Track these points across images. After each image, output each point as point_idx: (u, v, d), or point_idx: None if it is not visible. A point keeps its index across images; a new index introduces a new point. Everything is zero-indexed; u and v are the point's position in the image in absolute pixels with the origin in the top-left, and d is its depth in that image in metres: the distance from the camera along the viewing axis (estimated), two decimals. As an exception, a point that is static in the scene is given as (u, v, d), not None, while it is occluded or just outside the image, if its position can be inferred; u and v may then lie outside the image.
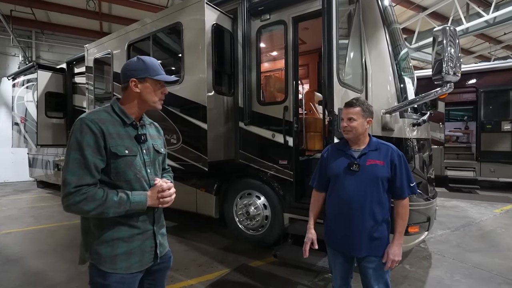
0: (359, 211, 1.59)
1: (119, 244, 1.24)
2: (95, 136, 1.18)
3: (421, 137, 3.12)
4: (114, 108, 1.31)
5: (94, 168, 1.17)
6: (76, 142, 1.16)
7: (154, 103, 1.35)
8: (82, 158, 1.15)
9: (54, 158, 7.39)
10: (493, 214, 5.24)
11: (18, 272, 3.12)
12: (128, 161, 1.25)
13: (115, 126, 1.26)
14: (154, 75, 1.32)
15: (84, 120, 1.19)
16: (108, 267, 1.22)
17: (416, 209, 2.85)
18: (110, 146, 1.21)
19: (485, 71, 7.34)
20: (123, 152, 1.24)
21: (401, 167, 1.62)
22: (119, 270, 1.23)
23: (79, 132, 1.17)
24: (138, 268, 1.29)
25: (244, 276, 2.96)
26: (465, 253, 3.49)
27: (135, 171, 1.27)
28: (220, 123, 3.59)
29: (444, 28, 2.20)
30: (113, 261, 1.23)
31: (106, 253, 1.22)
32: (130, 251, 1.26)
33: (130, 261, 1.26)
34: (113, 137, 1.23)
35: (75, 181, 1.13)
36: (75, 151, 1.16)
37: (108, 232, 1.23)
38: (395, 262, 1.57)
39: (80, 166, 1.15)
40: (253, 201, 3.65)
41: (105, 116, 1.26)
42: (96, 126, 1.19)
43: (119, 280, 1.24)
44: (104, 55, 4.92)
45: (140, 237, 1.29)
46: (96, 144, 1.18)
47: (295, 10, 3.32)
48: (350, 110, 1.67)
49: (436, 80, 2.26)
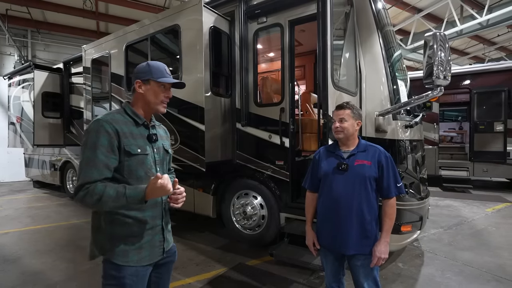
0: (347, 210, 1.66)
1: (131, 239, 1.30)
2: (109, 136, 1.26)
3: (413, 138, 3.20)
4: (126, 110, 1.39)
5: (104, 166, 1.24)
6: (91, 142, 1.24)
7: (156, 105, 1.41)
8: (93, 157, 1.23)
9: (51, 158, 7.38)
10: (485, 213, 5.36)
11: (16, 272, 3.14)
12: (140, 159, 1.33)
13: (128, 126, 1.34)
14: (157, 77, 1.38)
15: (99, 121, 1.27)
16: (121, 260, 1.28)
17: (408, 209, 2.93)
18: (124, 145, 1.29)
19: (478, 73, 7.46)
20: (136, 151, 1.31)
21: (388, 168, 1.69)
22: (131, 263, 1.29)
23: (94, 132, 1.25)
24: (148, 261, 1.35)
25: (241, 274, 3.01)
26: (457, 251, 3.58)
27: (145, 169, 1.35)
28: (217, 124, 3.64)
29: (435, 34, 2.27)
30: (125, 254, 1.29)
31: (119, 248, 1.28)
32: (141, 245, 1.32)
33: (141, 254, 1.32)
34: (126, 137, 1.30)
35: (83, 178, 1.22)
36: (89, 150, 1.24)
37: (120, 228, 1.30)
38: (382, 260, 1.63)
39: (90, 165, 1.22)
40: (250, 201, 3.71)
41: (119, 117, 1.34)
42: (111, 127, 1.27)
43: (133, 272, 1.30)
44: (102, 56, 4.94)
45: (150, 232, 1.36)
46: (109, 144, 1.25)
47: (292, 14, 3.38)
48: (341, 112, 1.76)
49: (427, 84, 2.33)
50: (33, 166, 8.20)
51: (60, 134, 6.96)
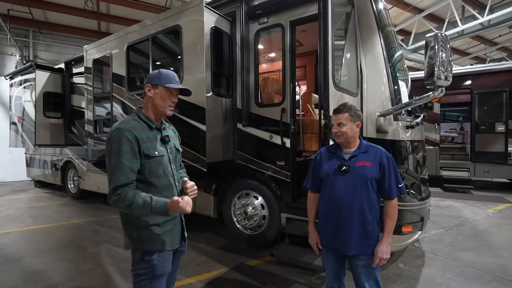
0: (348, 210, 1.66)
1: (155, 228, 1.49)
2: (130, 143, 1.42)
3: (414, 138, 3.20)
4: (140, 115, 1.55)
5: (129, 170, 1.42)
6: (115, 150, 1.41)
7: (163, 108, 1.57)
8: (119, 163, 1.40)
9: (52, 158, 7.40)
10: (486, 214, 5.35)
11: (18, 271, 3.15)
12: (158, 160, 1.51)
13: (144, 131, 1.50)
14: (164, 83, 1.54)
15: (120, 130, 1.43)
16: (148, 246, 1.48)
17: (409, 209, 2.93)
18: (144, 149, 1.46)
19: (480, 73, 7.45)
20: (154, 154, 1.49)
21: (390, 169, 1.69)
22: (157, 248, 1.49)
23: (117, 140, 1.41)
24: (170, 247, 1.55)
25: (242, 275, 3.02)
26: (458, 252, 3.58)
27: (163, 168, 1.53)
28: (218, 125, 3.65)
29: (436, 34, 2.27)
30: (151, 241, 1.48)
31: (146, 236, 1.48)
32: (164, 233, 1.52)
33: (164, 241, 1.52)
34: (145, 141, 1.48)
35: (114, 182, 1.39)
36: (114, 157, 1.41)
37: (146, 219, 1.48)
38: (383, 260, 1.64)
39: (117, 170, 1.40)
40: (251, 201, 3.71)
41: (135, 124, 1.50)
42: (131, 134, 1.43)
43: (160, 256, 1.50)
44: (104, 56, 4.95)
45: (171, 222, 1.55)
46: (131, 150, 1.42)
47: (293, 14, 3.38)
48: (339, 116, 1.75)
49: (428, 85, 2.34)
50: (34, 166, 8.22)
51: (61, 134, 6.98)
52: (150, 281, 1.48)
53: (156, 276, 1.49)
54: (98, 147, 5.21)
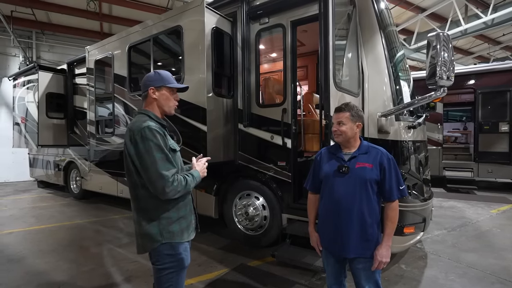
0: (347, 212, 1.64)
1: (182, 220, 1.59)
2: (162, 138, 1.50)
3: (417, 139, 3.17)
4: (151, 116, 1.60)
5: (172, 160, 1.51)
6: (155, 145, 1.46)
7: (169, 107, 1.66)
8: (165, 155, 1.48)
9: (55, 158, 7.44)
10: (489, 215, 5.30)
11: (21, 271, 3.17)
12: (177, 154, 1.64)
13: (163, 129, 1.57)
14: (168, 83, 1.63)
15: (151, 128, 1.48)
16: (179, 239, 1.57)
17: (411, 210, 2.91)
18: (170, 144, 1.56)
19: (483, 73, 7.38)
20: (176, 148, 1.62)
21: (390, 170, 1.66)
22: (185, 238, 1.60)
23: (153, 137, 1.46)
24: (192, 236, 1.67)
25: (243, 275, 3.01)
26: (461, 253, 3.55)
27: (179, 162, 1.65)
28: (219, 125, 3.64)
29: (438, 34, 2.25)
30: (181, 233, 1.58)
31: (176, 229, 1.56)
32: (188, 224, 1.64)
33: (189, 231, 1.64)
34: (168, 137, 1.57)
35: (169, 173, 1.46)
36: (157, 151, 1.46)
37: (174, 214, 1.57)
38: (383, 264, 1.61)
39: (167, 162, 1.48)
40: (252, 201, 3.70)
41: (154, 122, 1.55)
42: (161, 130, 1.52)
43: (184, 248, 1.60)
44: (105, 57, 4.97)
45: (189, 213, 1.67)
46: (164, 144, 1.50)
47: (294, 14, 3.37)
48: (339, 115, 1.73)
49: (430, 84, 2.32)
50: (37, 166, 8.27)
51: (64, 135, 7.01)
52: (177, 273, 1.56)
53: (183, 267, 1.58)
54: (100, 147, 5.22)
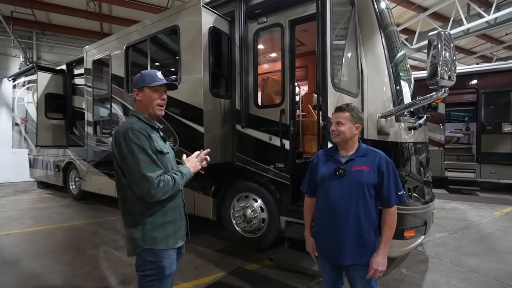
0: (343, 217, 1.58)
1: (168, 226, 1.53)
2: (148, 140, 1.46)
3: (417, 140, 3.11)
4: (140, 117, 1.56)
5: (157, 162, 1.46)
6: (138, 146, 1.42)
7: (153, 108, 1.58)
8: (148, 157, 1.43)
9: (55, 159, 7.43)
10: (492, 217, 5.22)
11: (15, 274, 3.13)
12: (167, 157, 1.58)
13: (151, 131, 1.54)
14: (148, 83, 1.55)
15: (134, 129, 1.44)
16: (163, 245, 1.51)
17: (412, 213, 2.85)
18: (156, 146, 1.50)
19: (486, 72, 7.30)
20: (164, 150, 1.56)
21: (389, 174, 1.59)
22: (170, 246, 1.54)
23: (136, 138, 1.42)
24: (180, 243, 1.62)
25: (240, 279, 2.95)
26: (463, 257, 3.48)
27: (170, 165, 1.60)
28: (217, 126, 3.59)
29: (439, 33, 2.19)
30: (166, 240, 1.52)
31: (160, 235, 1.50)
32: (175, 229, 1.57)
33: (176, 237, 1.58)
34: (154, 139, 1.52)
35: (153, 174, 1.41)
36: (141, 153, 1.42)
37: (159, 218, 1.51)
38: (379, 272, 1.54)
39: (151, 163, 1.43)
40: (250, 203, 3.65)
41: (142, 124, 1.52)
42: (145, 132, 1.47)
43: (167, 256, 1.53)
44: (103, 57, 4.93)
45: (178, 218, 1.61)
46: (150, 145, 1.46)
47: (292, 13, 3.31)
48: (339, 115, 1.68)
49: (431, 85, 2.25)
50: (37, 167, 8.26)
51: (63, 135, 7.00)
52: (159, 281, 1.50)
53: (164, 276, 1.51)
54: (98, 148, 5.19)
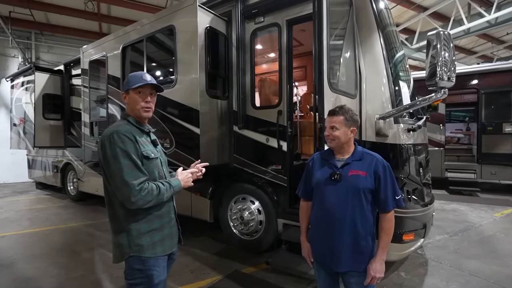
0: (339, 223, 1.53)
1: (154, 233, 1.49)
2: (133, 143, 1.42)
3: (417, 142, 3.06)
4: (129, 120, 1.53)
5: (141, 167, 1.41)
6: (122, 151, 1.38)
7: (138, 111, 1.54)
8: (132, 162, 1.38)
9: (53, 159, 7.39)
10: (493, 218, 5.16)
11: (9, 278, 3.09)
12: (154, 162, 1.53)
13: (139, 134, 1.50)
14: (132, 85, 1.51)
15: (119, 133, 1.40)
16: (150, 253, 1.46)
17: (411, 216, 2.80)
18: (142, 151, 1.46)
19: (486, 72, 7.24)
20: (151, 155, 1.50)
21: (386, 179, 1.54)
22: (158, 253, 1.49)
23: (120, 142, 1.38)
24: (170, 250, 1.57)
25: (236, 283, 2.91)
26: (463, 260, 3.43)
27: (158, 170, 1.55)
28: (213, 127, 3.55)
29: (438, 33, 2.15)
30: (153, 247, 1.47)
31: (147, 242, 1.46)
32: (163, 237, 1.53)
33: (164, 245, 1.53)
34: (141, 144, 1.48)
35: (136, 181, 1.36)
36: (124, 158, 1.37)
37: (146, 225, 1.47)
38: (376, 279, 1.50)
39: (134, 169, 1.38)
40: (247, 205, 3.60)
41: (129, 127, 1.48)
42: (131, 135, 1.42)
43: (156, 263, 1.48)
44: (100, 57, 4.89)
45: (167, 225, 1.56)
46: (135, 150, 1.42)
47: (289, 13, 3.27)
48: (333, 119, 1.62)
49: (430, 86, 2.21)
50: (36, 168, 8.23)
51: (60, 136, 6.98)
52: None
53: (153, 285, 1.47)
54: (95, 149, 5.15)
